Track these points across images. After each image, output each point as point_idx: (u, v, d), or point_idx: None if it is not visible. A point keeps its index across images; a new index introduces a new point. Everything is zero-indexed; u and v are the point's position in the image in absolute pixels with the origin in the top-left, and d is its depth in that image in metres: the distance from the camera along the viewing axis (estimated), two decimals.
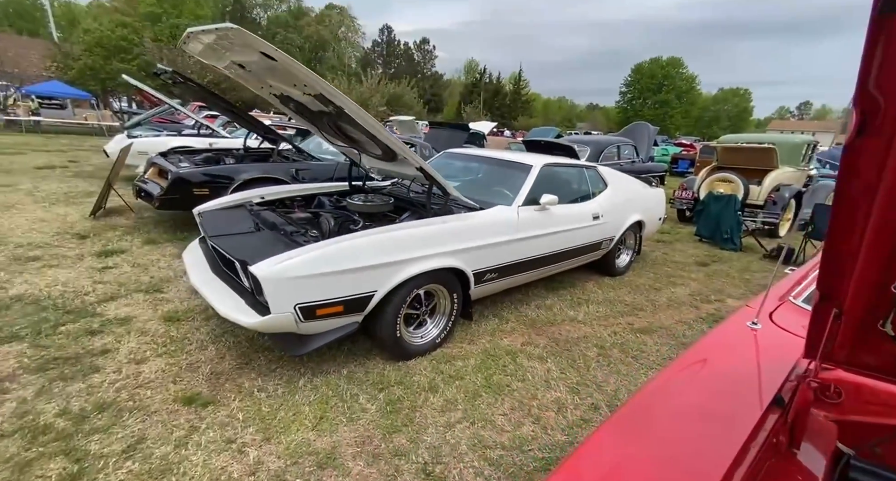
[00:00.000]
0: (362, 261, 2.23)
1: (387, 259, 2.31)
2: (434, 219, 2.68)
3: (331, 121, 2.84)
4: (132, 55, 20.76)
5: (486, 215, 2.92)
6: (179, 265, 3.85)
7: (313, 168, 5.06)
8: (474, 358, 2.68)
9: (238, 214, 3.00)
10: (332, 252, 2.16)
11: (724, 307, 3.84)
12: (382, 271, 2.31)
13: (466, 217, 2.82)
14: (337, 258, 2.17)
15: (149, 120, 9.56)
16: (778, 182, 7.21)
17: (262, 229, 2.66)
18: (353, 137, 3.02)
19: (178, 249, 4.22)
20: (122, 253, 4.03)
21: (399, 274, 2.37)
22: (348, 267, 2.18)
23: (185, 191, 4.27)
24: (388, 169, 3.29)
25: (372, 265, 2.26)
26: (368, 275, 2.26)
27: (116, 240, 4.35)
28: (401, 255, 2.37)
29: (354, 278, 2.22)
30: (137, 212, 5.43)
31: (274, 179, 4.72)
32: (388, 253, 2.32)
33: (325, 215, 2.86)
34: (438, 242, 2.55)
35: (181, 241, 4.45)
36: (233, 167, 4.62)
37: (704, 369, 1.19)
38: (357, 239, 2.27)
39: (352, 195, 3.61)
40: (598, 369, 2.67)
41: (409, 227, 2.48)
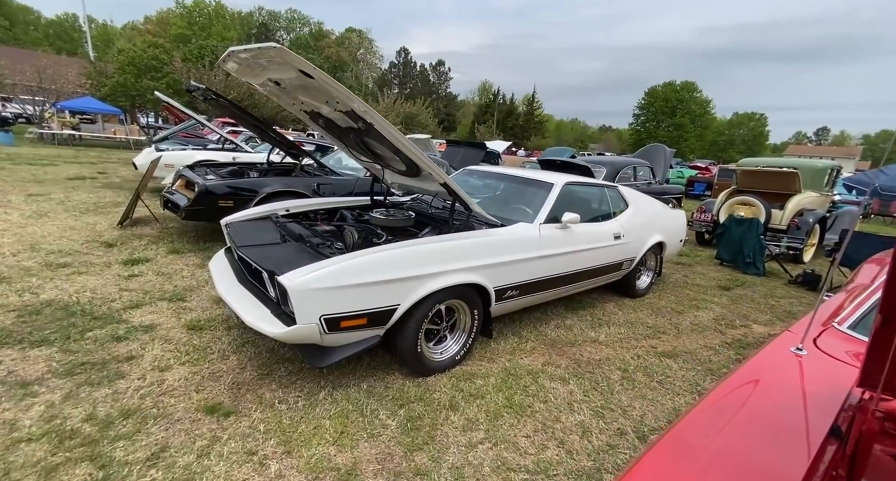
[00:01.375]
0: (386, 274, 2.24)
1: (410, 273, 2.32)
2: (456, 234, 2.69)
3: (357, 138, 2.91)
4: (161, 73, 21.66)
5: (507, 232, 2.92)
6: (202, 275, 3.92)
7: (334, 183, 5.16)
8: (494, 376, 2.64)
9: (264, 226, 3.06)
10: (357, 264, 2.18)
11: (750, 333, 3.73)
12: (406, 285, 2.31)
13: (488, 233, 2.82)
14: (362, 270, 2.18)
15: (176, 134, 9.89)
16: (801, 207, 7.08)
17: (289, 240, 2.70)
18: (378, 153, 3.08)
19: (201, 259, 4.29)
20: (147, 261, 4.12)
21: (422, 288, 2.37)
22: (373, 279, 2.19)
23: (211, 203, 4.38)
24: (411, 184, 3.33)
25: (396, 278, 2.26)
26: (392, 289, 2.27)
27: (142, 249, 4.45)
28: (424, 269, 2.37)
29: (378, 291, 2.23)
30: (163, 222, 5.57)
31: (296, 193, 4.82)
32: (411, 266, 2.33)
33: (349, 228, 2.89)
34: (461, 257, 2.55)
35: (204, 251, 4.54)
36: (257, 180, 4.73)
37: (752, 396, 1.15)
38: (381, 252, 2.29)
39: (374, 210, 3.66)
40: (623, 393, 2.60)
41: (432, 242, 2.49)
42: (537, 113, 55.36)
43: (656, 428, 2.27)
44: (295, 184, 4.85)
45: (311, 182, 4.97)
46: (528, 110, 54.35)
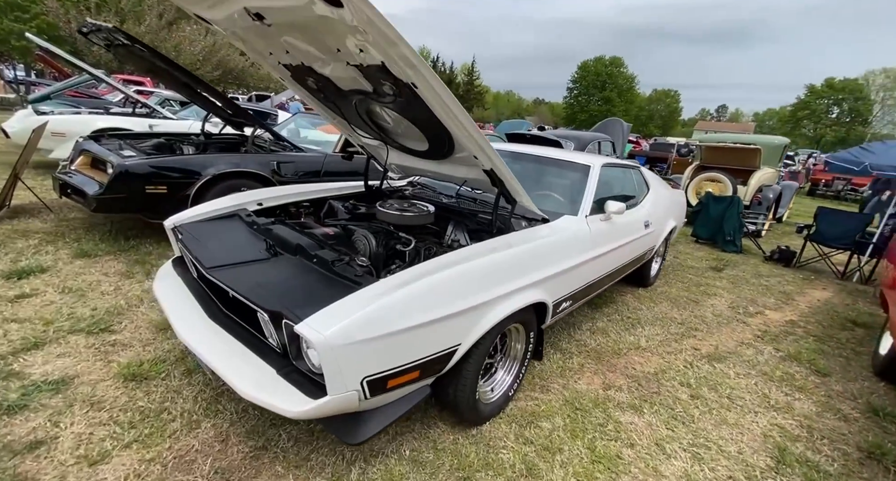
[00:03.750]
0: (445, 306, 1.57)
1: (474, 300, 1.67)
2: (510, 237, 2.06)
3: (364, 105, 2.11)
4: (30, 14, 17.51)
5: (557, 229, 2.34)
6: (130, 287, 2.90)
7: (297, 161, 4.18)
8: (559, 414, 2.12)
9: (233, 228, 2.18)
10: (406, 297, 1.48)
11: (769, 321, 3.60)
12: (468, 317, 1.66)
13: (538, 233, 2.22)
14: (415, 305, 1.49)
15: (61, 92, 7.84)
16: (761, 182, 7.34)
17: (281, 253, 1.89)
18: (385, 127, 2.30)
19: (126, 265, 3.22)
20: (43, 272, 2.98)
21: (487, 317, 1.73)
22: (429, 317, 1.52)
23: (134, 189, 3.26)
24: (427, 169, 2.58)
25: (457, 311, 1.60)
26: (452, 325, 1.61)
27: (32, 253, 3.24)
28: (489, 293, 1.73)
29: (436, 331, 1.56)
30: (58, 211, 4.23)
31: (250, 174, 3.81)
32: (475, 291, 1.68)
33: (360, 232, 2.13)
34: (525, 270, 1.95)
35: (128, 253, 3.43)
36: (195, 159, 3.64)
37: None
38: (434, 275, 1.60)
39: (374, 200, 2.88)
40: (702, 417, 2.22)
41: (489, 253, 1.84)
42: (477, 84, 54.40)
43: (765, 470, 1.92)
44: (246, 162, 3.82)
45: (267, 160, 3.96)
46: (469, 80, 53.16)
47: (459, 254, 1.79)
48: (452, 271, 1.64)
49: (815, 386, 2.65)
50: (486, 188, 2.39)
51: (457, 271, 1.65)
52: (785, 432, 2.18)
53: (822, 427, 2.25)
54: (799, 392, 2.56)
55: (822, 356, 3.04)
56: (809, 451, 2.05)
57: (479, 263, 1.75)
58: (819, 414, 2.37)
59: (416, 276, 1.57)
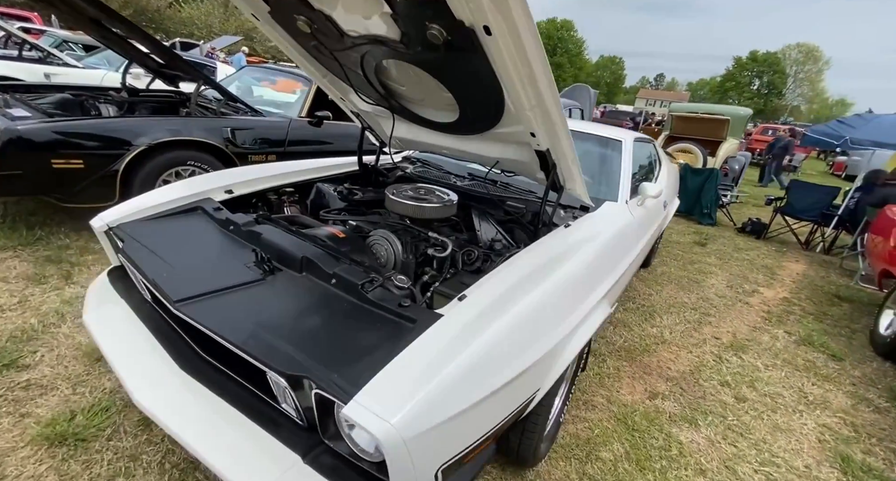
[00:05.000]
0: (531, 350, 1.16)
1: (559, 332, 1.27)
2: (567, 236, 1.66)
3: (374, 59, 1.53)
4: None
5: (604, 219, 1.97)
6: (44, 300, 2.19)
7: (256, 127, 3.42)
8: (615, 438, 1.84)
9: (197, 229, 1.56)
10: (486, 350, 1.04)
11: (766, 300, 3.58)
12: (552, 354, 1.26)
13: (591, 226, 1.84)
14: (497, 358, 1.06)
15: None
16: (727, 154, 7.47)
17: (278, 269, 1.34)
18: (397, 90, 1.74)
19: (33, 265, 2.45)
20: None
21: (569, 348, 1.35)
22: (516, 371, 1.10)
23: (36, 164, 2.43)
24: (450, 145, 2.04)
25: (544, 353, 1.20)
26: (535, 370, 1.20)
27: None
28: (573, 318, 1.34)
29: (519, 384, 1.15)
30: None
31: (196, 144, 3.03)
32: (558, 319, 1.28)
33: (379, 232, 1.61)
34: (598, 280, 1.57)
35: (35, 248, 2.62)
36: (123, 123, 2.79)
37: None
38: (512, 308, 1.16)
39: (370, 183, 2.34)
40: (756, 426, 2.05)
41: (560, 263, 1.43)
42: None
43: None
44: (191, 129, 3.03)
45: (218, 126, 3.17)
46: None
47: (521, 267, 1.35)
48: (532, 299, 1.21)
49: (836, 373, 2.60)
50: (524, 171, 1.93)
51: (537, 298, 1.22)
52: (835, 434, 2.06)
53: (863, 422, 2.18)
54: (826, 382, 2.49)
55: (828, 337, 3.03)
56: (867, 456, 1.95)
57: (557, 280, 1.33)
58: (854, 406, 2.30)
59: (491, 313, 1.13)
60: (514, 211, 2.01)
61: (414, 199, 1.77)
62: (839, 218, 5.24)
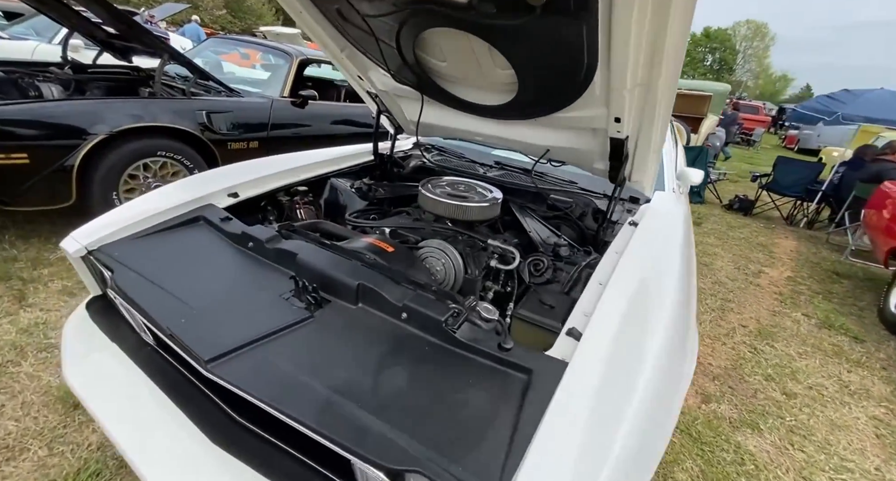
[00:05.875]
0: (674, 407, 0.96)
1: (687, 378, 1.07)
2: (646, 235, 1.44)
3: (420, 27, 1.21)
4: None
5: (663, 213, 1.78)
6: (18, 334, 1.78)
7: (235, 109, 2.96)
8: (687, 455, 1.69)
9: (204, 246, 1.22)
10: (642, 417, 0.81)
11: (773, 280, 3.59)
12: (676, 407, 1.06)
13: (652, 224, 1.63)
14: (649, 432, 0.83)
15: None
16: (709, 130, 7.50)
17: (325, 299, 1.03)
18: (434, 67, 1.43)
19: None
20: None
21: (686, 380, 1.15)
22: (664, 445, 0.89)
23: None
24: (488, 132, 1.74)
25: (682, 395, 1.00)
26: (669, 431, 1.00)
27: None
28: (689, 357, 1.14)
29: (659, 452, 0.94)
30: None
31: (166, 131, 2.57)
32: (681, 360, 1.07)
33: (433, 243, 1.33)
34: (692, 288, 1.38)
35: None
36: (76, 107, 2.29)
37: None
38: (648, 344, 0.94)
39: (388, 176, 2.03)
40: (814, 425, 1.97)
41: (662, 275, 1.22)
42: None
43: None
44: (157, 111, 2.55)
45: (190, 108, 2.71)
46: None
47: (622, 285, 1.12)
48: (660, 334, 0.99)
49: (864, 357, 2.59)
50: (578, 161, 1.67)
51: (662, 331, 1.00)
52: (889, 427, 2.02)
53: None
54: (859, 367, 2.47)
55: (844, 317, 3.04)
56: None
57: (671, 302, 1.11)
58: (893, 393, 2.28)
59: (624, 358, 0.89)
60: (559, 205, 1.77)
61: (454, 197, 1.50)
62: (823, 193, 5.36)
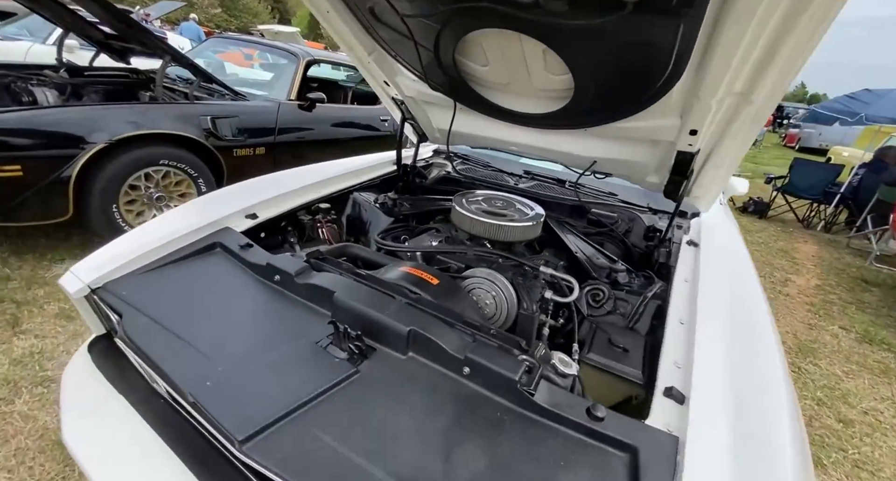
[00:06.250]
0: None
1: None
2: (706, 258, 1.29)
3: (469, 26, 1.06)
4: None
5: (717, 229, 1.63)
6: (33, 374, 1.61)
7: (241, 114, 2.80)
8: None
9: (223, 281, 1.06)
10: None
11: (802, 289, 3.45)
12: None
13: (712, 243, 1.48)
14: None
15: None
16: None
17: (370, 347, 0.88)
18: (472, 72, 1.28)
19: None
20: None
21: None
22: None
23: None
24: (526, 141, 1.56)
25: None
26: None
27: None
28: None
29: None
30: None
31: (169, 139, 2.40)
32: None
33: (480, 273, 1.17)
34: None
35: None
36: (73, 114, 2.11)
37: None
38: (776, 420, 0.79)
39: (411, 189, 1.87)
40: (878, 458, 1.84)
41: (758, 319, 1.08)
42: None
43: None
44: (159, 118, 2.39)
45: (194, 113, 2.54)
46: None
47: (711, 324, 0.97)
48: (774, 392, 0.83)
49: None
50: (629, 174, 1.52)
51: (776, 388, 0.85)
52: None
53: None
54: None
55: (883, 330, 2.91)
56: None
57: (771, 342, 0.96)
58: None
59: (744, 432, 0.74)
60: (606, 221, 1.62)
61: (492, 215, 1.34)
62: (841, 196, 5.23)
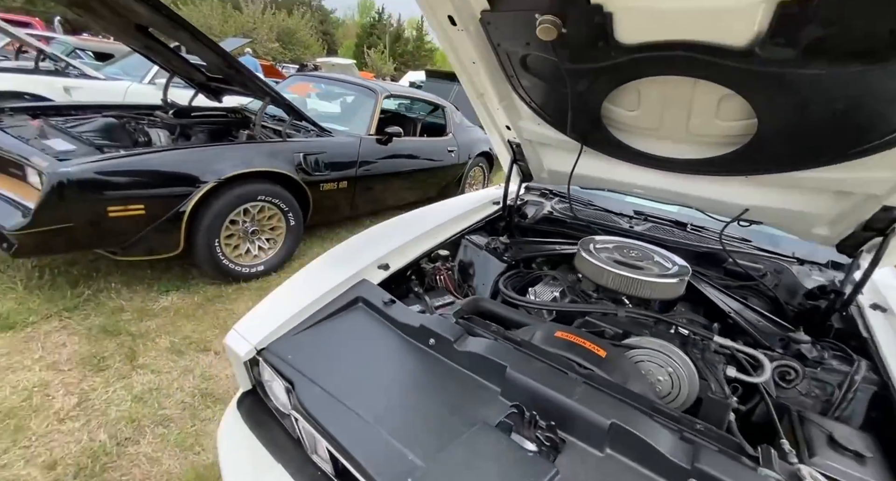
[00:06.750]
0: None
1: None
2: None
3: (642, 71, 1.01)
4: None
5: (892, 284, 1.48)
6: (111, 397, 1.67)
7: (328, 149, 2.89)
8: None
9: (375, 342, 1.03)
10: None
11: None
12: None
13: None
14: None
15: None
16: None
17: (558, 438, 0.80)
18: (617, 118, 1.22)
19: (86, 340, 1.92)
20: None
21: None
22: None
23: (89, 214, 1.89)
24: (665, 186, 1.48)
25: None
26: None
27: None
28: None
29: None
30: None
31: (268, 176, 2.50)
32: None
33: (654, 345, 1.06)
34: None
35: (82, 312, 2.09)
36: (189, 155, 2.24)
37: None
38: None
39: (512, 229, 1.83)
40: None
41: None
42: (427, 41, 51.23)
43: None
44: (259, 156, 2.50)
45: (288, 150, 2.65)
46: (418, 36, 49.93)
47: None
48: None
49: None
50: (791, 225, 1.38)
51: None
52: None
53: None
54: None
55: None
56: None
57: None
58: None
59: None
60: (751, 273, 1.47)
61: (629, 267, 1.25)
62: None
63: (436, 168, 4.11)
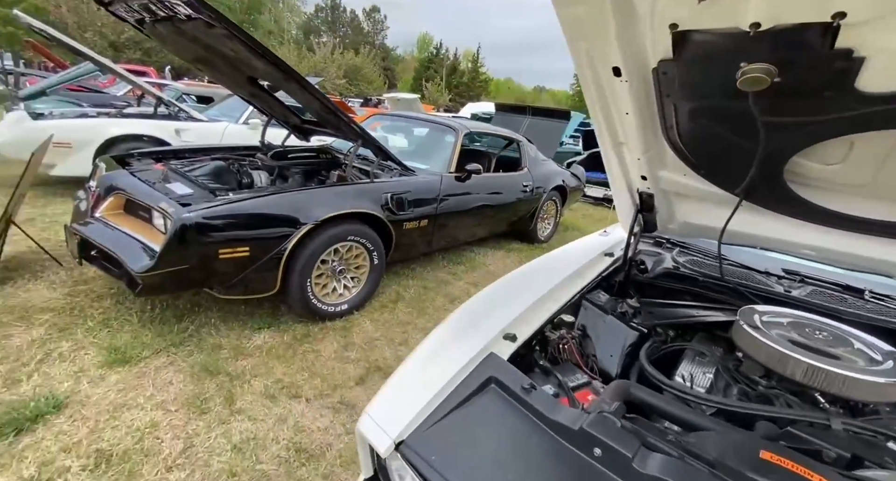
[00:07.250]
0: None
1: None
2: None
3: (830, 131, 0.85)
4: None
5: None
6: (215, 444, 1.66)
7: (412, 188, 2.90)
8: None
9: (524, 444, 0.90)
10: None
11: None
12: None
13: None
14: None
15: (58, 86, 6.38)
16: None
17: None
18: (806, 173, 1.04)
19: (190, 378, 1.97)
20: (58, 409, 1.72)
21: None
22: None
23: (204, 255, 1.99)
24: (840, 248, 1.27)
25: None
26: None
27: (37, 361, 1.98)
28: None
29: None
30: (70, 262, 2.93)
31: (359, 217, 2.53)
32: None
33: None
34: None
35: (185, 348, 2.17)
36: (291, 198, 2.32)
37: None
38: None
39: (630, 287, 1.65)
40: None
41: None
42: (481, 72, 52.78)
43: None
44: (350, 197, 2.54)
45: (376, 190, 2.68)
46: (473, 69, 51.64)
47: None
48: None
49: None
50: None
51: None
52: None
53: None
54: None
55: None
56: None
57: None
58: None
59: None
60: None
61: (818, 354, 1.00)
62: None
63: (511, 203, 4.02)
